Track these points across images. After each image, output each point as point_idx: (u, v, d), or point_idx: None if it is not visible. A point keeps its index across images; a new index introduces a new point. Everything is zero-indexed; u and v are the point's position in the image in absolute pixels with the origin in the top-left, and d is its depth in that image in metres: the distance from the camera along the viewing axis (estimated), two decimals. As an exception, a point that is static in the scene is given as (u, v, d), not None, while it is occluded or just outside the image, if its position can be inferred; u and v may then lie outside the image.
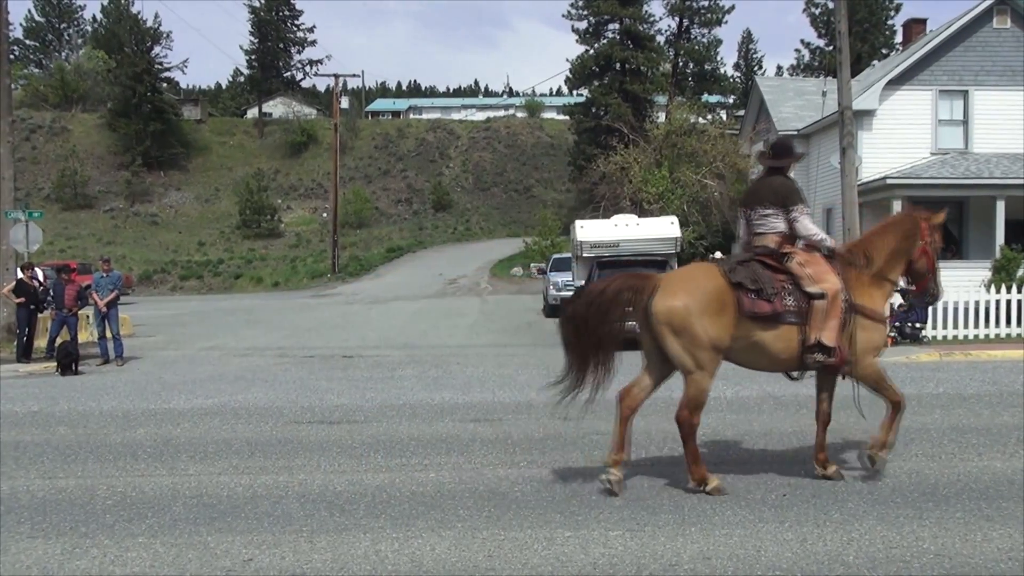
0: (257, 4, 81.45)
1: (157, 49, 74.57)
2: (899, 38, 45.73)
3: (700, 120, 37.35)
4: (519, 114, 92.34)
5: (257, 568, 5.74)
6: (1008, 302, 19.10)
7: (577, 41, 61.86)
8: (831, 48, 54.64)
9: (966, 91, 24.72)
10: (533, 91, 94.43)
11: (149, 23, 75.51)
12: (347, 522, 6.62)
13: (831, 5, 55.74)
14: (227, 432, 10.12)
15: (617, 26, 60.78)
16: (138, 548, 6.15)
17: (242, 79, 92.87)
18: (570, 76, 63.52)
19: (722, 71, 69.77)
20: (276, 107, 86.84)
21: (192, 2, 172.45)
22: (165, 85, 77.43)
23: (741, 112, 46.15)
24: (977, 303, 19.18)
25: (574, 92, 74.19)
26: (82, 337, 19.49)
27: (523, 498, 7.15)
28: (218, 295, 47.28)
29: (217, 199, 70.57)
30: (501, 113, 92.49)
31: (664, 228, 21.70)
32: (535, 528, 6.38)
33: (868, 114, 24.25)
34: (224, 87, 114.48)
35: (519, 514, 6.73)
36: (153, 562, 5.87)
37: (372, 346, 20.87)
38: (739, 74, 78.21)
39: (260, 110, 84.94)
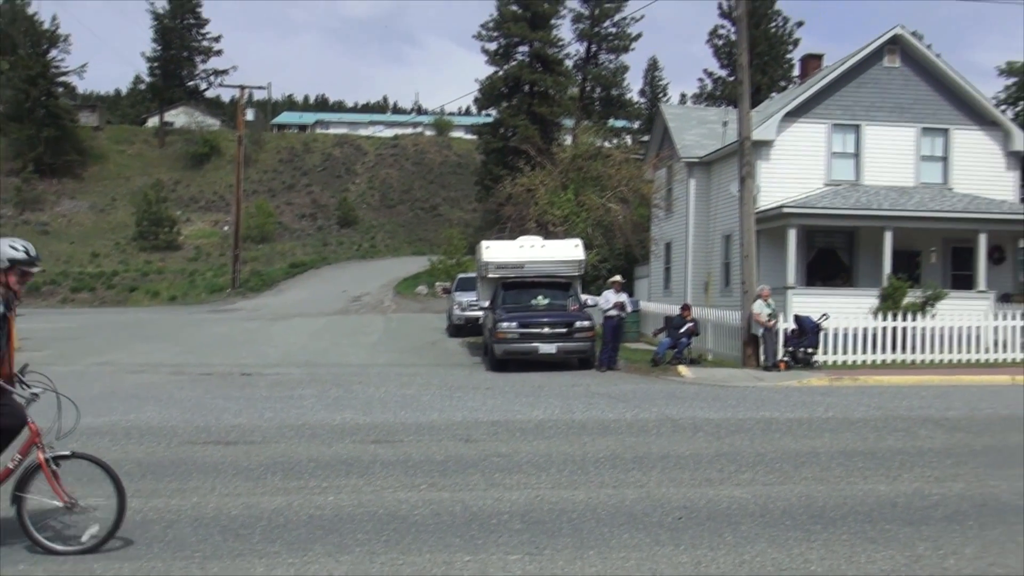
0: (161, 11, 79.66)
1: (54, 52, 72.37)
2: (797, 72, 47.30)
3: (606, 144, 37.91)
4: (427, 132, 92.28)
5: (146, 595, 5.57)
6: (894, 329, 19.87)
7: (487, 62, 62.35)
8: (733, 79, 56.19)
9: (858, 125, 25.70)
10: (442, 109, 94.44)
11: (46, 25, 73.27)
12: (242, 547, 6.48)
13: (733, 37, 57.53)
14: (117, 453, 9.78)
15: (527, 49, 61.43)
16: None
17: (143, 87, 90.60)
18: (479, 96, 63.87)
19: (628, 97, 71.13)
20: (178, 116, 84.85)
21: (93, 5, 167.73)
22: (61, 90, 74.96)
23: (646, 138, 47.02)
24: (866, 330, 19.90)
25: (483, 112, 74.57)
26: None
27: (423, 521, 7.11)
28: (112, 308, 45.83)
29: (113, 209, 68.54)
30: (409, 130, 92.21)
31: (569, 251, 21.91)
32: (434, 552, 6.35)
33: (766, 144, 24.98)
34: (124, 94, 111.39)
35: (418, 538, 6.69)
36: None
37: (272, 364, 20.52)
38: (644, 100, 79.68)
39: (161, 119, 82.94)
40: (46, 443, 6.31)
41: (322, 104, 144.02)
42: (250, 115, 78.72)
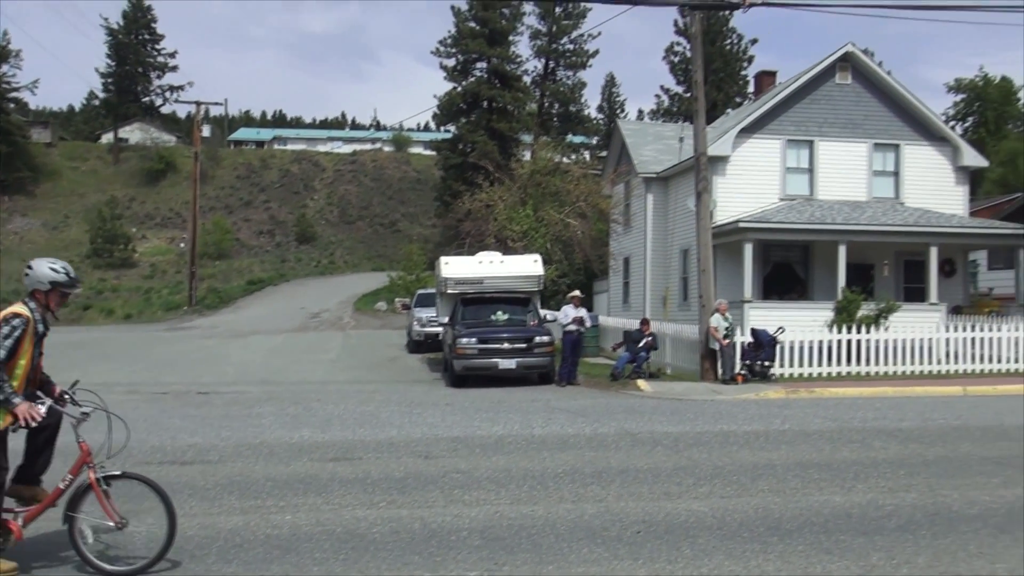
0: (115, 26, 78.86)
1: (5, 68, 71.35)
2: (752, 88, 47.95)
3: (564, 160, 38.11)
4: (386, 148, 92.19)
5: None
6: (849, 342, 20.14)
7: (445, 78, 62.47)
8: (689, 95, 56.85)
9: (811, 141, 26.10)
10: (401, 125, 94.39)
11: (-3, 40, 72.19)
12: (196, 568, 6.40)
13: (689, 55, 58.13)
14: (70, 474, 9.61)
15: (485, 65, 61.66)
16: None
17: (97, 102, 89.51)
18: (438, 112, 63.93)
19: (586, 113, 71.75)
20: (133, 133, 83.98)
21: (45, 20, 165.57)
22: (13, 106, 73.77)
23: (604, 153, 47.36)
24: (821, 342, 20.15)
25: (441, 128, 74.71)
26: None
27: (381, 539, 7.08)
28: (65, 327, 45.00)
29: (66, 226, 67.57)
30: (368, 146, 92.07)
31: (528, 266, 21.95)
32: (393, 570, 6.32)
33: (722, 160, 25.28)
34: (78, 110, 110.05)
35: (377, 556, 6.65)
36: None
37: (229, 382, 20.30)
38: (602, 116, 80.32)
39: (116, 135, 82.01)
40: (96, 463, 6.33)
41: (280, 120, 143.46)
42: (206, 131, 78.14)
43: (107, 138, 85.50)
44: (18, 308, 6.32)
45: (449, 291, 22.00)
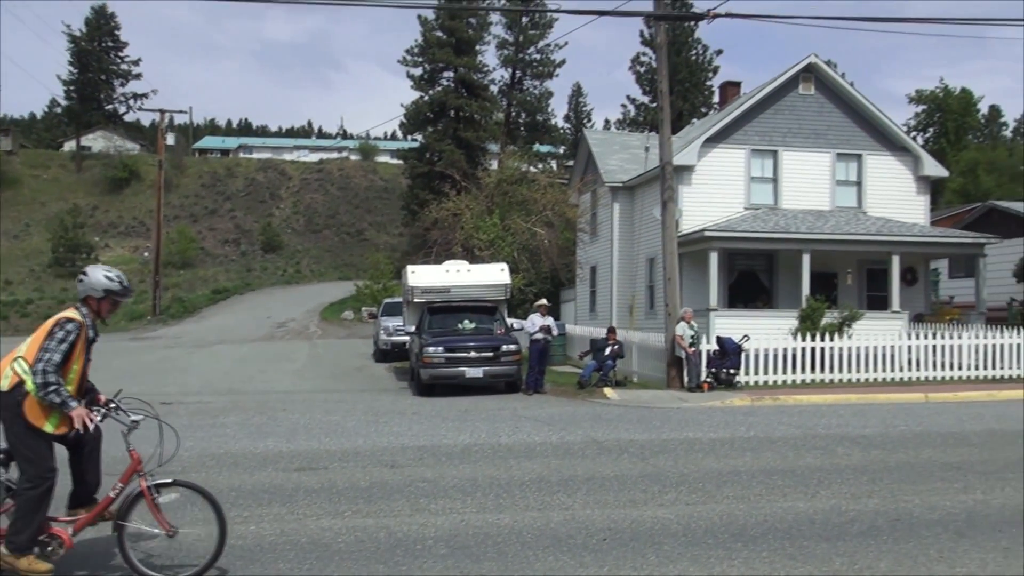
0: (78, 33, 77.98)
1: (-36, 75, 70.22)
2: (717, 99, 48.35)
3: (531, 169, 38.23)
4: (353, 156, 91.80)
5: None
6: (813, 349, 20.34)
7: (412, 87, 62.27)
8: (654, 105, 57.21)
9: (775, 151, 26.39)
10: (367, 134, 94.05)
11: (-44, 47, 71.13)
12: (159, 580, 6.31)
13: (655, 64, 58.55)
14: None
15: (452, 74, 61.62)
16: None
17: (59, 110, 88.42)
18: (404, 121, 63.80)
19: (553, 122, 71.81)
20: (96, 141, 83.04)
21: (5, 26, 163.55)
22: (-28, 113, 72.77)
23: (570, 163, 47.52)
24: (786, 350, 20.33)
25: (408, 137, 74.57)
26: None
27: (347, 549, 7.03)
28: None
29: (28, 235, 66.60)
30: (334, 155, 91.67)
31: (495, 275, 21.97)
32: (358, 580, 6.28)
33: (688, 169, 25.47)
34: (39, 118, 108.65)
35: (342, 566, 6.61)
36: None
37: (194, 392, 20.11)
38: (569, 126, 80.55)
39: (78, 143, 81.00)
40: (147, 471, 6.32)
41: (245, 128, 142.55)
42: (171, 139, 77.32)
43: (69, 146, 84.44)
44: (71, 313, 6.33)
45: (416, 300, 21.96)
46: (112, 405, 6.44)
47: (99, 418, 6.22)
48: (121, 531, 6.22)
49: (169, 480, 6.42)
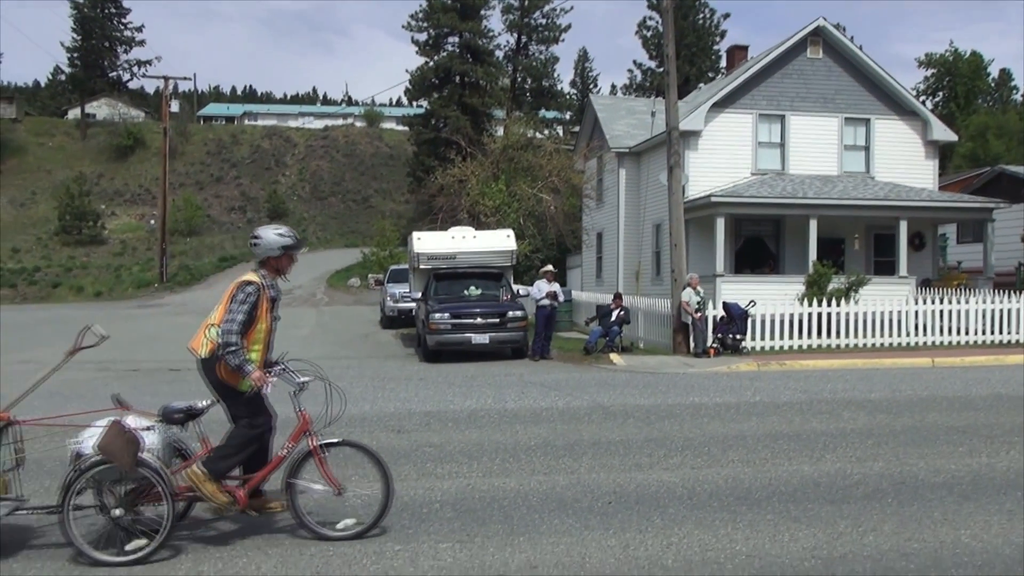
0: (80, 0, 77.51)
1: (-33, 42, 70.00)
2: (724, 63, 47.99)
3: (537, 135, 38.05)
4: (358, 123, 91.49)
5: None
6: (819, 315, 20.31)
7: (417, 52, 61.99)
8: (661, 70, 56.86)
9: (783, 115, 26.19)
10: (372, 100, 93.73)
11: (-41, 14, 70.83)
12: (164, 549, 6.36)
13: (661, 29, 58.13)
14: (37, 452, 9.52)
15: (457, 39, 61.29)
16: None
17: (63, 77, 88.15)
18: (410, 87, 63.53)
19: (559, 88, 71.46)
20: (100, 108, 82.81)
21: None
22: (-24, 81, 72.64)
23: (576, 128, 47.33)
24: (792, 316, 20.30)
25: (414, 103, 74.23)
26: None
27: (352, 512, 7.07)
28: (34, 305, 44.60)
29: (34, 203, 66.69)
30: (340, 122, 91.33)
31: (500, 241, 21.94)
32: (364, 542, 6.33)
33: (694, 134, 25.32)
34: (44, 85, 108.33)
35: (349, 529, 6.65)
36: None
37: (201, 359, 20.15)
38: (575, 91, 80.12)
39: (83, 111, 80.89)
40: (316, 430, 6.56)
41: (250, 95, 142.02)
42: (175, 106, 77.26)
43: (74, 114, 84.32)
44: (250, 276, 6.65)
45: (422, 266, 21.96)
46: (281, 367, 6.67)
47: (274, 379, 6.47)
48: (292, 489, 6.44)
49: (337, 440, 6.67)
